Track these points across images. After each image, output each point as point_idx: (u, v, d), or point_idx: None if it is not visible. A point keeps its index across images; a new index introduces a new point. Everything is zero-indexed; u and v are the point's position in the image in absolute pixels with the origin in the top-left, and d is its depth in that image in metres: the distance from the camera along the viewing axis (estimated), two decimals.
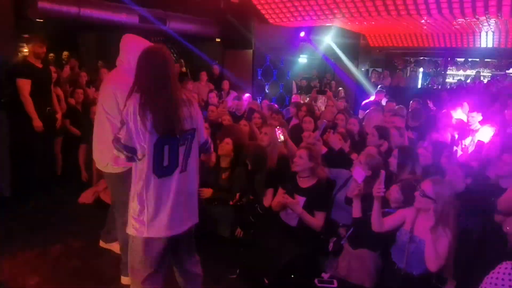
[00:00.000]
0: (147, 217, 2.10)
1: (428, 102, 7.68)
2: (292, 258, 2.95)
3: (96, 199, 4.44)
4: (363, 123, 5.13)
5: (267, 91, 8.60)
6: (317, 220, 3.12)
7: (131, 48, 2.65)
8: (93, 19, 5.87)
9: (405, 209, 2.75)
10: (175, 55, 10.44)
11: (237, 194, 3.46)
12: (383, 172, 2.66)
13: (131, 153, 2.08)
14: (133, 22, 6.52)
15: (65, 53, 8.04)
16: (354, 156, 3.69)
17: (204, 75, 7.81)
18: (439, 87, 11.84)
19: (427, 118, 5.77)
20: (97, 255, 3.37)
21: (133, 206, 2.13)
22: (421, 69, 13.48)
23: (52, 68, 4.83)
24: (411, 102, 6.48)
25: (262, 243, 3.10)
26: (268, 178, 3.45)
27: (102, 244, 3.43)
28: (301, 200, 3.14)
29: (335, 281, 2.92)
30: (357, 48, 11.93)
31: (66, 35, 7.71)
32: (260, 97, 7.48)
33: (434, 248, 2.43)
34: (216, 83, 7.96)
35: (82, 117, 4.97)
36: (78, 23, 5.88)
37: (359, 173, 2.84)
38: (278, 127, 3.65)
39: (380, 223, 2.69)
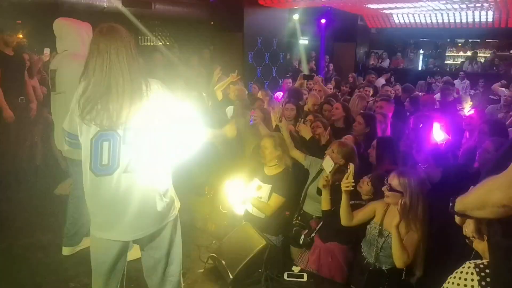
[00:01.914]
0: (92, 215, 1.96)
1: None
2: (258, 251, 2.85)
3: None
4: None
5: (259, 75, 8.39)
6: (268, 204, 3.00)
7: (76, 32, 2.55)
8: (73, 4, 5.68)
9: (375, 202, 2.63)
10: (165, 40, 10.27)
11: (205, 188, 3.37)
12: (351, 165, 2.52)
13: (74, 140, 1.93)
14: (115, 7, 6.32)
15: None
16: None
17: (194, 60, 7.63)
18: (437, 69, 11.54)
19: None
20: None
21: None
22: (421, 51, 13.16)
23: (26, 56, 4.67)
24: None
25: (228, 237, 3.00)
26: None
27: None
28: (267, 187, 3.04)
29: (305, 275, 2.84)
30: (355, 30, 11.64)
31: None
32: (251, 82, 7.27)
33: (400, 244, 2.31)
34: (207, 67, 7.78)
35: None
36: (58, 10, 5.69)
37: (328, 162, 2.71)
38: (253, 109, 3.43)
39: (348, 217, 2.57)
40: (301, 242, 2.98)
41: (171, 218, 2.05)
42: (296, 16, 9.99)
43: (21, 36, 8.31)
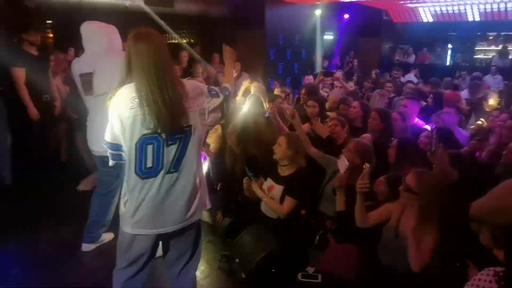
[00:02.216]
0: (130, 214, 2.00)
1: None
2: (270, 252, 2.82)
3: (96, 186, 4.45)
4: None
5: (280, 72, 8.33)
6: (282, 206, 2.96)
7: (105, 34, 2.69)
8: (96, 4, 5.79)
9: (392, 203, 2.56)
10: (189, 37, 10.34)
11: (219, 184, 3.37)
12: (367, 165, 2.45)
13: (116, 150, 1.96)
14: (138, 5, 6.39)
15: None
16: None
17: (215, 57, 7.66)
18: (466, 64, 11.11)
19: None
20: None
21: (122, 201, 2.05)
22: (449, 46, 12.71)
23: (51, 56, 4.80)
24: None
25: (241, 235, 2.99)
26: (251, 164, 3.29)
27: None
28: (279, 188, 3.00)
29: (319, 276, 2.79)
30: (379, 24, 11.36)
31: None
32: (272, 79, 7.23)
33: (417, 248, 2.23)
34: None
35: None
36: (81, 9, 5.82)
37: (342, 162, 2.65)
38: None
39: (363, 218, 2.51)
40: (315, 242, 2.93)
41: (201, 214, 2.15)
42: (318, 12, 9.85)
43: (51, 35, 8.62)
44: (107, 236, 3.41)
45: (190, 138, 1.95)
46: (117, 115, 1.85)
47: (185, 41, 10.70)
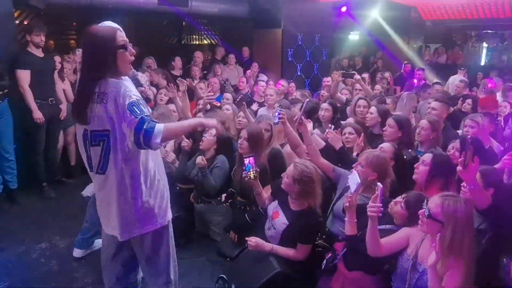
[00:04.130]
0: None
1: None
2: (274, 275, 2.53)
3: None
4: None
5: (299, 73, 7.99)
6: (296, 252, 2.64)
7: None
8: (107, 4, 5.64)
9: (410, 229, 2.21)
10: (211, 39, 10.18)
11: (223, 195, 3.09)
12: (379, 185, 2.11)
13: None
14: (151, 5, 6.22)
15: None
16: None
17: (232, 58, 7.44)
18: (505, 63, 10.35)
19: None
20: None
21: None
22: (484, 44, 11.95)
23: (57, 58, 4.68)
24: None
25: (241, 256, 2.71)
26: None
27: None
28: (283, 222, 2.69)
29: None
30: (408, 22, 10.78)
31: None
32: (290, 80, 6.89)
33: (437, 285, 1.88)
34: (246, 66, 7.56)
35: None
36: (92, 10, 5.69)
37: (353, 178, 2.31)
38: (278, 108, 3.05)
39: (376, 246, 2.16)
40: (323, 267, 2.60)
41: (150, 228, 2.01)
42: (344, 9, 9.41)
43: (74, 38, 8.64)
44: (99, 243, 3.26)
45: (114, 143, 1.85)
46: None
47: (206, 42, 10.60)
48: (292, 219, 2.67)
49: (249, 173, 2.75)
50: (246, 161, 2.75)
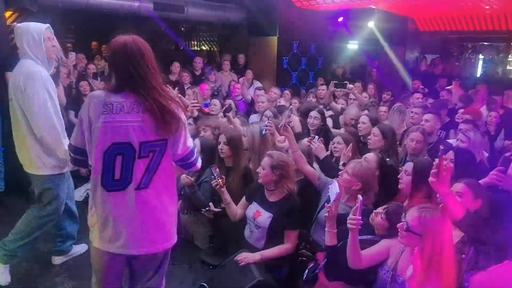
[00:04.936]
0: (98, 228, 1.86)
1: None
2: (256, 284, 2.49)
3: (88, 195, 4.27)
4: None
5: (294, 81, 7.99)
6: (286, 243, 2.63)
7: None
8: (102, 7, 5.66)
9: (390, 240, 2.18)
10: (212, 45, 10.21)
11: (210, 204, 3.06)
12: (359, 197, 2.08)
13: (81, 156, 1.82)
14: (147, 10, 6.24)
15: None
16: None
17: (226, 65, 7.44)
18: (499, 75, 10.38)
19: None
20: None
21: (89, 213, 1.90)
22: (481, 56, 11.98)
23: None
24: None
25: (223, 263, 2.67)
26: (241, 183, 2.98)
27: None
28: (267, 216, 2.66)
29: None
30: (405, 33, 10.82)
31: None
32: (284, 88, 6.88)
33: None
34: (241, 72, 7.55)
35: None
36: (88, 13, 5.71)
37: (334, 188, 2.29)
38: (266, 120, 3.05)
39: (356, 258, 2.13)
40: (304, 277, 2.57)
41: (173, 242, 1.96)
42: (340, 19, 9.45)
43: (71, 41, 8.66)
44: (80, 249, 3.28)
45: (165, 153, 1.80)
46: (87, 119, 1.75)
47: (205, 48, 10.63)
48: (275, 209, 2.67)
49: (219, 180, 2.75)
50: (214, 170, 2.76)
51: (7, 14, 5.42)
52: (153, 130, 1.74)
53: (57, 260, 3.21)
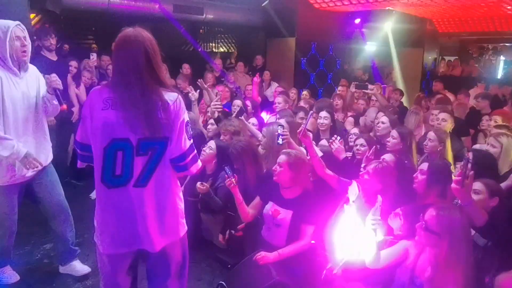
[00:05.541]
0: (99, 231, 1.87)
1: None
2: (273, 284, 2.51)
3: None
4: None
5: (312, 82, 7.99)
6: (304, 240, 2.64)
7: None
8: (123, 10, 5.78)
9: (409, 240, 2.18)
10: (229, 46, 10.27)
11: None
12: (379, 198, 2.09)
13: (87, 152, 1.83)
14: (166, 12, 6.34)
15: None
16: None
17: (241, 66, 7.45)
18: None
19: None
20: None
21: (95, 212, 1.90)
22: (502, 57, 11.76)
23: (73, 62, 4.79)
24: None
25: (241, 262, 2.70)
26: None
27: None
28: (287, 214, 2.68)
29: None
30: (423, 35, 10.69)
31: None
32: (302, 89, 6.89)
33: None
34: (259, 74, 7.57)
35: None
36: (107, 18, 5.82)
37: (352, 189, 2.31)
38: (280, 130, 3.07)
39: (375, 258, 2.14)
40: (322, 277, 2.58)
41: (180, 235, 1.96)
42: (357, 21, 9.41)
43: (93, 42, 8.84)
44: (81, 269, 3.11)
45: (165, 152, 1.80)
46: (89, 115, 1.76)
47: (222, 50, 10.70)
48: (294, 205, 2.68)
49: (232, 178, 2.75)
50: (228, 169, 2.76)
51: (31, 16, 5.60)
52: (150, 127, 1.72)
53: (61, 269, 3.11)
